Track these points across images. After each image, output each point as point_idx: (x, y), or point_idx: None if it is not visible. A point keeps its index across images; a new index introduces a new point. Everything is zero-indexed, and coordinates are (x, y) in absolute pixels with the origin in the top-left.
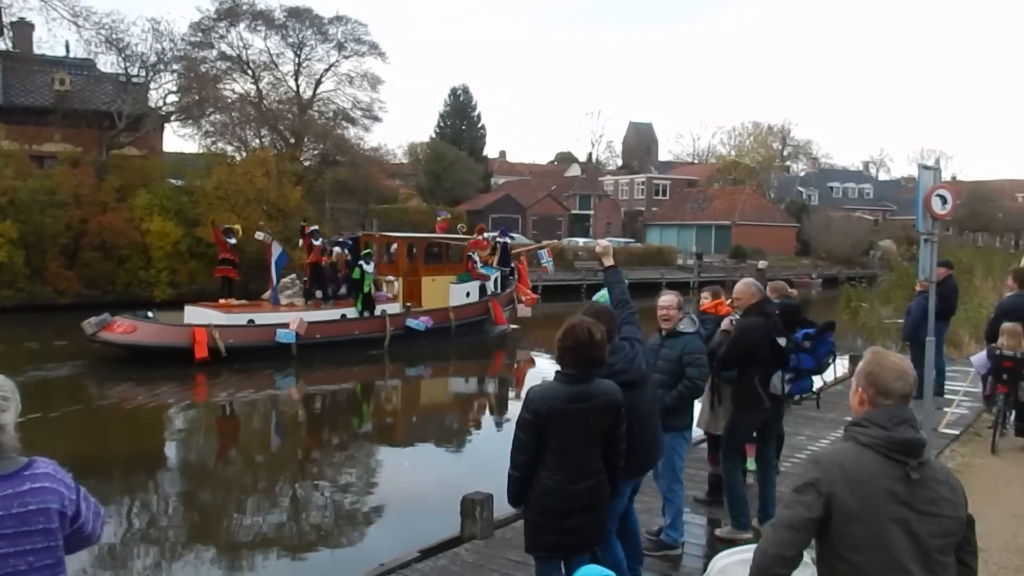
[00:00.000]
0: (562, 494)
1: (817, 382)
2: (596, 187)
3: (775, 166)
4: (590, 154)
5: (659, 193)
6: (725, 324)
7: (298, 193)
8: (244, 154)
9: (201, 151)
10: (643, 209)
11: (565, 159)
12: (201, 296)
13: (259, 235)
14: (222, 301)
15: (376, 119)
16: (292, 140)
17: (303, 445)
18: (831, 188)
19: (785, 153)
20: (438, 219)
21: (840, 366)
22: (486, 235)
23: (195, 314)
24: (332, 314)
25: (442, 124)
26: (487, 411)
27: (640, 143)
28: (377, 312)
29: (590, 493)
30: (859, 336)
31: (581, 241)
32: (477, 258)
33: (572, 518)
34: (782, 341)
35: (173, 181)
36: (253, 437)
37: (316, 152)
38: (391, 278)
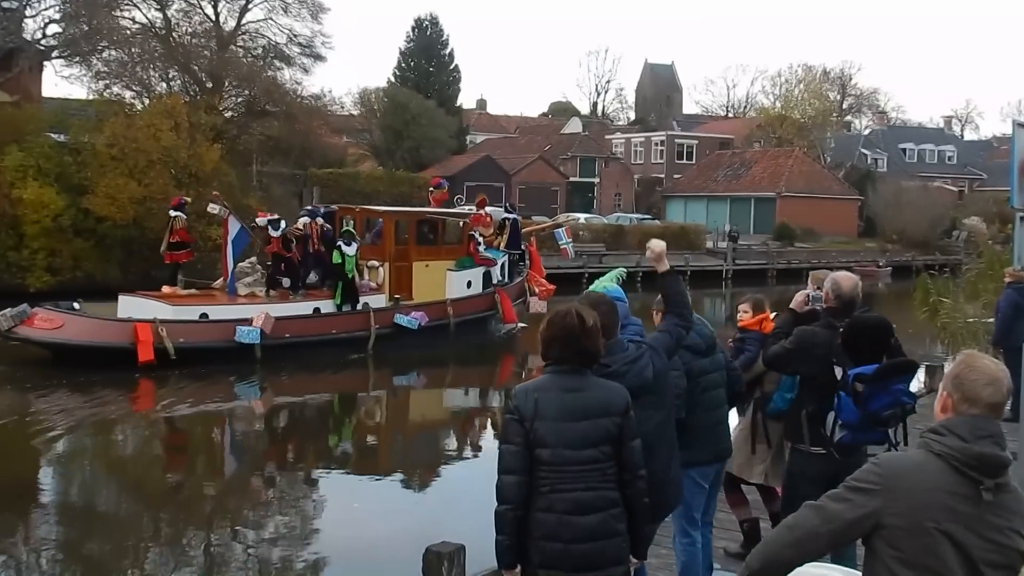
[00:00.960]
0: (563, 530)
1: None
2: (602, 148)
3: (832, 122)
4: (594, 105)
5: (683, 156)
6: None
7: (216, 153)
8: (147, 102)
9: (91, 98)
10: (662, 176)
11: (562, 111)
12: (89, 286)
13: (212, 208)
14: (166, 289)
15: (319, 58)
16: (209, 84)
17: (253, 475)
18: (903, 151)
19: (845, 106)
20: (432, 191)
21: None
22: (489, 209)
23: (133, 306)
24: (303, 307)
25: (404, 65)
26: (490, 432)
27: (659, 91)
28: (359, 306)
29: (599, 533)
30: (939, 341)
31: (582, 217)
32: (481, 239)
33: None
34: (838, 372)
35: (54, 136)
36: (194, 463)
37: (240, 100)
38: (375, 263)
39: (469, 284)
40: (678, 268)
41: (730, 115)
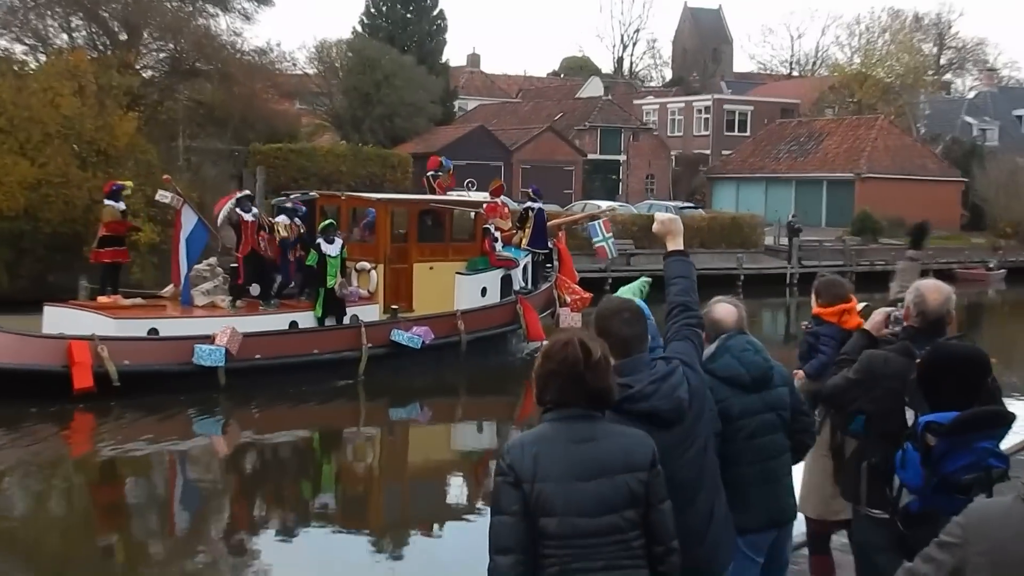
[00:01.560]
0: None
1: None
2: (630, 116)
3: (926, 82)
4: (619, 61)
5: (734, 127)
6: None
7: (132, 124)
8: (43, 59)
9: None
10: (707, 152)
11: (577, 69)
12: None
13: (162, 196)
14: (104, 299)
15: (264, 1)
16: (123, 36)
17: (213, 535)
18: (1018, 119)
19: (943, 61)
20: (434, 174)
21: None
22: (505, 200)
23: (62, 319)
24: (277, 321)
25: (373, 11)
26: None
27: (703, 43)
28: (347, 319)
29: None
30: None
31: (603, 205)
32: (498, 234)
33: None
34: (909, 417)
35: None
36: (138, 520)
37: (163, 56)
38: (366, 265)
39: (484, 291)
40: (729, 271)
41: (794, 73)
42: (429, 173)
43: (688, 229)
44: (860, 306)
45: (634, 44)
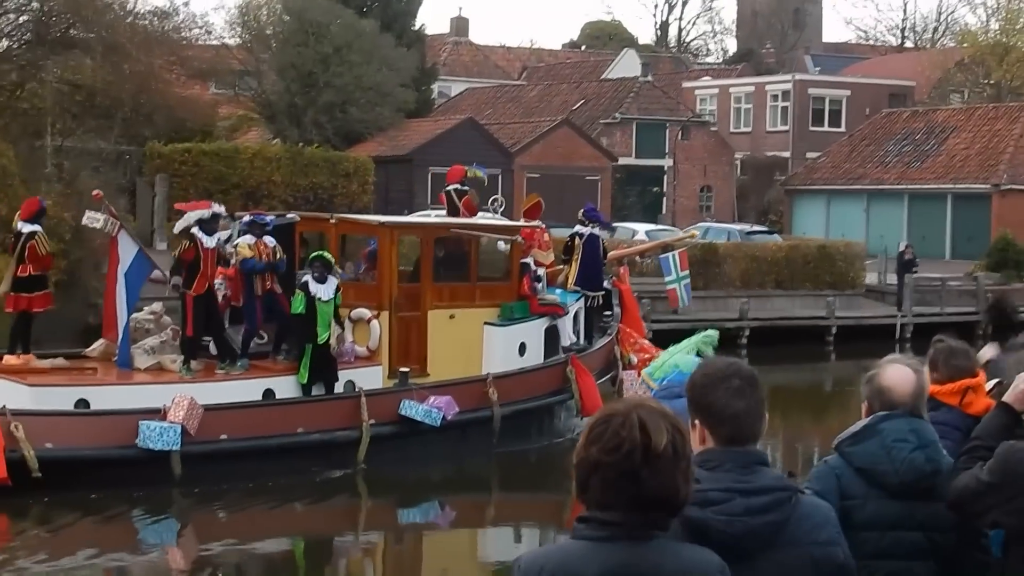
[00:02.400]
0: None
1: None
2: (678, 104)
3: None
4: (662, 27)
5: (823, 119)
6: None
7: None
8: None
9: None
10: (786, 155)
11: (605, 39)
12: None
13: (91, 218)
14: (13, 359)
15: None
16: None
17: None
18: None
19: None
20: (460, 188)
21: None
22: (541, 224)
23: None
24: (247, 389)
25: None
26: None
27: (780, 2)
28: (340, 386)
29: None
30: None
31: (642, 230)
32: (541, 271)
33: None
34: None
35: None
36: None
37: (24, 21)
38: (365, 313)
39: (523, 348)
40: (817, 321)
41: (907, 45)
42: (451, 187)
43: (760, 262)
44: (991, 383)
45: (684, 3)
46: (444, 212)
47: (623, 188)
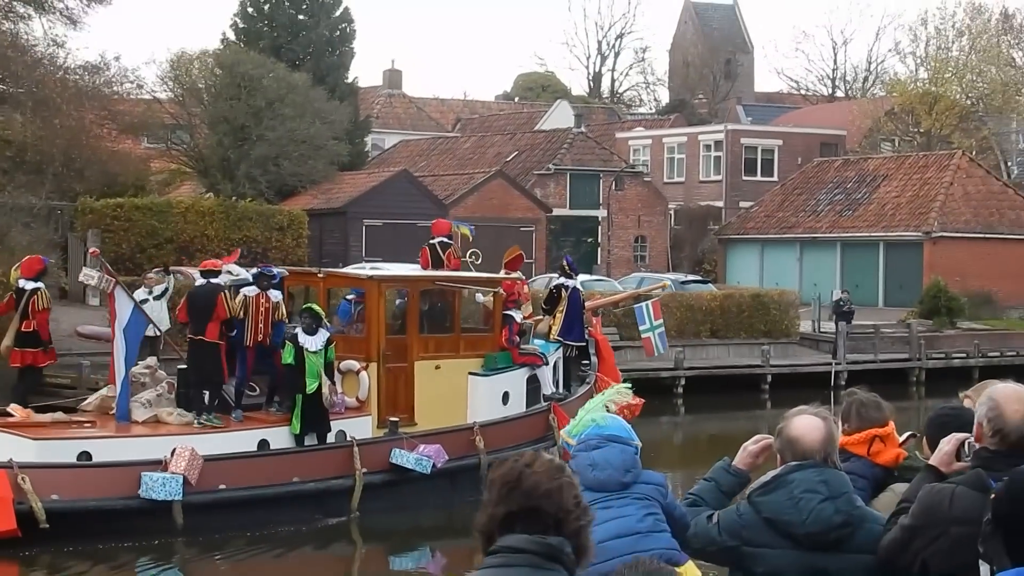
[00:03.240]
0: None
1: None
2: (611, 155)
3: (1020, 105)
4: (596, 79)
5: (756, 169)
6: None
7: None
8: None
9: None
10: (719, 204)
11: (538, 90)
12: None
13: (87, 276)
14: (16, 413)
15: None
16: None
17: None
18: None
19: None
20: (446, 241)
21: None
22: (518, 276)
23: None
24: (242, 440)
25: (250, 11)
26: None
27: (712, 53)
28: (332, 436)
29: None
30: None
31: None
32: (528, 322)
33: None
34: (984, 573)
35: None
36: None
37: None
38: (353, 365)
39: (506, 397)
40: (752, 370)
41: (838, 94)
42: (436, 240)
43: (695, 311)
44: (905, 435)
45: (617, 55)
46: (380, 264)
47: (557, 239)
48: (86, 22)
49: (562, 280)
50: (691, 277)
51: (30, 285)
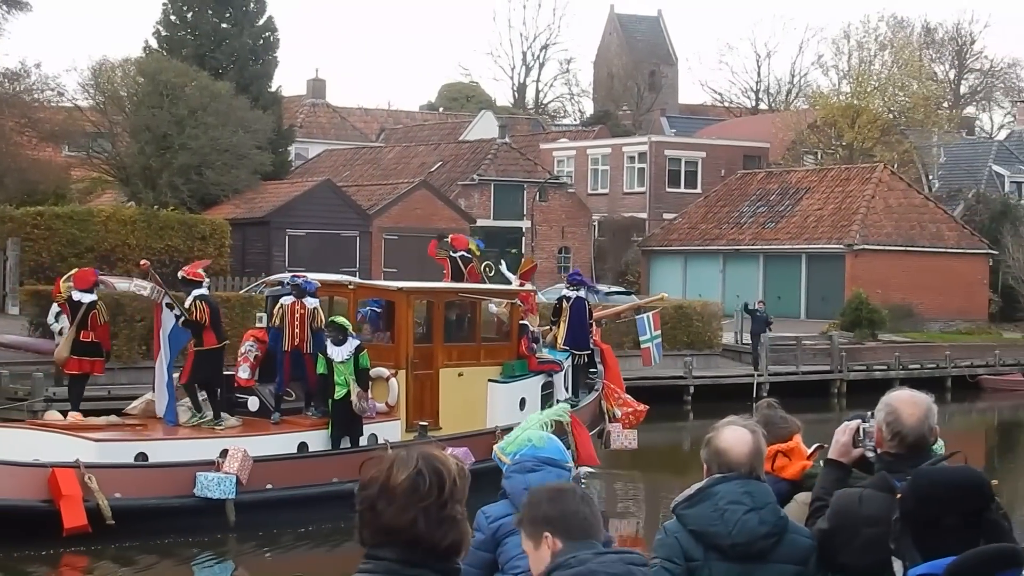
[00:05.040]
0: None
1: None
2: (535, 166)
3: (941, 118)
4: (520, 89)
5: (679, 181)
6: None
7: None
8: None
9: None
10: (643, 216)
11: (462, 101)
12: None
13: (139, 287)
14: (74, 417)
15: (17, 5)
16: None
17: None
18: None
19: (963, 90)
20: (466, 255)
21: None
22: (530, 287)
23: (20, 442)
24: (284, 443)
25: (173, 19)
26: None
27: (636, 64)
28: (365, 439)
29: None
30: None
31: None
32: (537, 331)
33: None
34: (898, 569)
35: None
36: None
37: None
38: (383, 372)
39: (523, 403)
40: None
41: (761, 107)
42: (458, 254)
43: (617, 323)
44: (813, 447)
45: (541, 66)
46: (304, 274)
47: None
48: (6, 29)
49: (565, 292)
50: (614, 288)
51: (87, 297)
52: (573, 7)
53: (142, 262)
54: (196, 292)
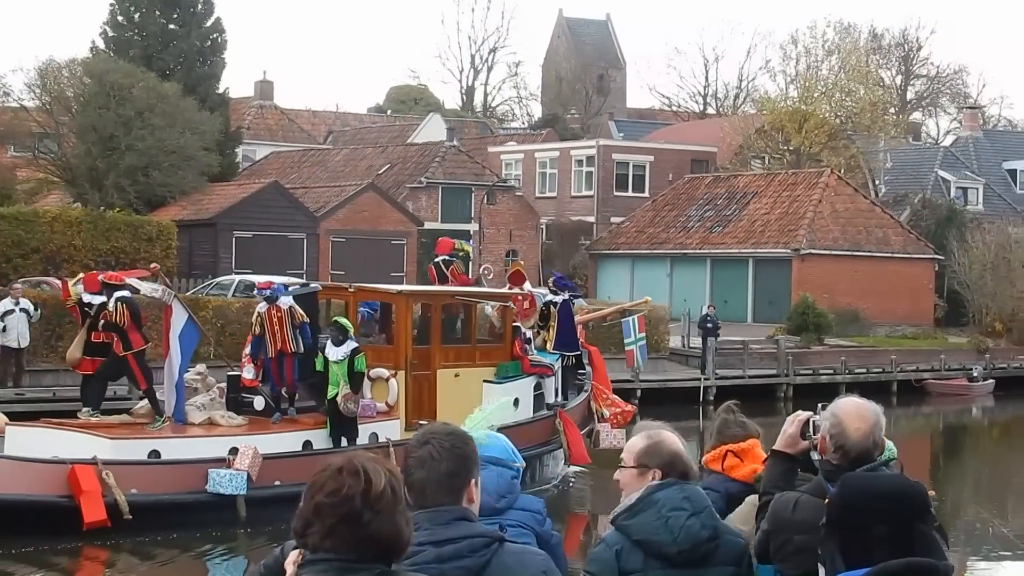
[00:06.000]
0: None
1: None
2: (483, 169)
3: (888, 123)
4: (468, 93)
5: (627, 184)
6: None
7: None
8: None
9: None
10: (590, 220)
11: (410, 103)
12: None
13: (151, 289)
14: (89, 417)
15: None
16: None
17: None
18: (1011, 174)
19: (910, 95)
20: (449, 259)
21: None
22: (529, 288)
23: (37, 440)
24: (290, 441)
25: (120, 19)
26: None
27: (584, 68)
28: (364, 437)
29: None
30: None
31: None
32: (529, 334)
33: None
34: None
35: None
36: None
37: None
38: (383, 372)
39: (517, 403)
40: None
41: (709, 111)
42: (440, 258)
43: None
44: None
45: (490, 69)
46: (251, 276)
47: (429, 252)
48: None
49: (551, 296)
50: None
51: (98, 299)
52: (522, 10)
53: (152, 265)
54: (118, 294)
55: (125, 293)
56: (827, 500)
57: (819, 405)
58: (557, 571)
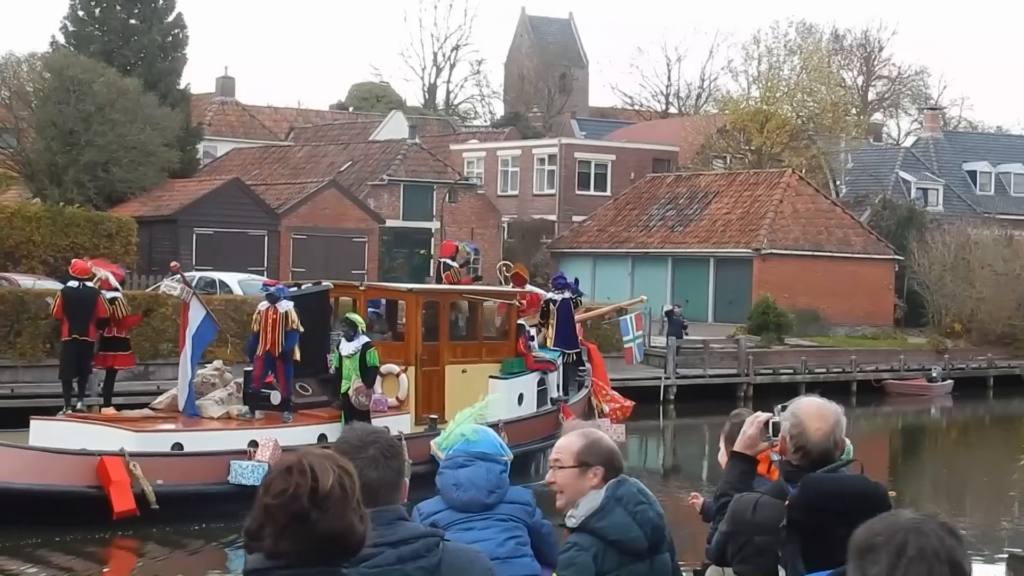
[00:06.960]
0: None
1: None
2: (445, 167)
3: (849, 124)
4: (431, 90)
5: (589, 183)
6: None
7: None
8: None
9: None
10: (552, 218)
11: (372, 101)
12: None
13: (170, 287)
14: (108, 411)
15: None
16: None
17: None
18: (971, 175)
19: (871, 96)
20: (450, 261)
21: None
22: (531, 288)
23: (62, 433)
24: (306, 434)
25: (81, 14)
26: None
27: (547, 66)
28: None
29: None
30: None
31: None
32: (534, 332)
33: None
34: None
35: None
36: None
37: None
38: (393, 368)
39: (521, 399)
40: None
41: (671, 111)
42: (443, 260)
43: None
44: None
45: (452, 67)
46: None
47: (390, 250)
48: None
49: (550, 295)
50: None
51: (109, 294)
52: (484, 8)
53: (172, 264)
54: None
55: (72, 284)
56: (788, 501)
57: (778, 406)
58: (494, 566)
